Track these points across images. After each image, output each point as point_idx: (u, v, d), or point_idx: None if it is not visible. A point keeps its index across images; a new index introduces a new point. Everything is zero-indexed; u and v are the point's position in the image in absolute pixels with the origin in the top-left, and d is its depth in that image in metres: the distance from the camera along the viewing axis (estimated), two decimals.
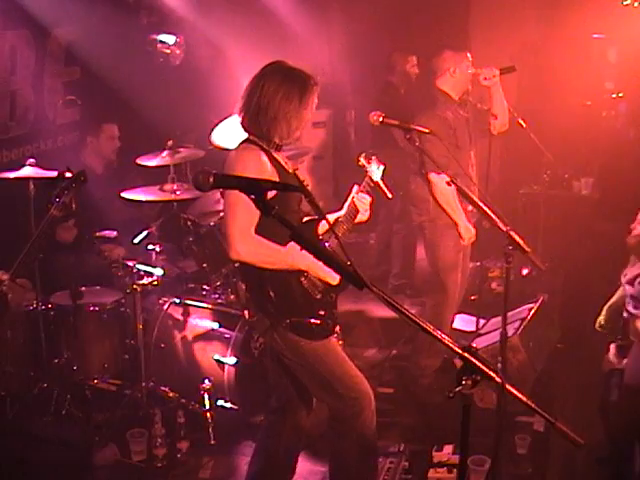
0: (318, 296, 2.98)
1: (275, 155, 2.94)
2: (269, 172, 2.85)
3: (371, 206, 3.18)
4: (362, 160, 3.21)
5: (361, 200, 3.14)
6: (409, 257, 6.35)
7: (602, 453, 3.62)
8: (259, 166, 2.84)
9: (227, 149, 3.10)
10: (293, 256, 2.84)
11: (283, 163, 2.97)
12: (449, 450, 3.80)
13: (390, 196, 3.24)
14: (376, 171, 3.22)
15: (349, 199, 3.16)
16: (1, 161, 4.77)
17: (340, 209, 3.18)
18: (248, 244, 2.81)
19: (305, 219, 3.07)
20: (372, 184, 3.20)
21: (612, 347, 3.87)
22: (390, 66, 6.30)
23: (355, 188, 3.17)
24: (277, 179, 2.85)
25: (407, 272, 6.31)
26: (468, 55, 4.35)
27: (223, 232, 2.87)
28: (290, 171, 3.00)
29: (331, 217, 3.16)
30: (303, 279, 2.94)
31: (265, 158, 2.88)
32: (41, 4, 4.78)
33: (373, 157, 3.24)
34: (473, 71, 4.32)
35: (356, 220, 3.15)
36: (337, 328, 3.09)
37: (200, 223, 4.49)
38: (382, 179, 3.24)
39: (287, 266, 2.87)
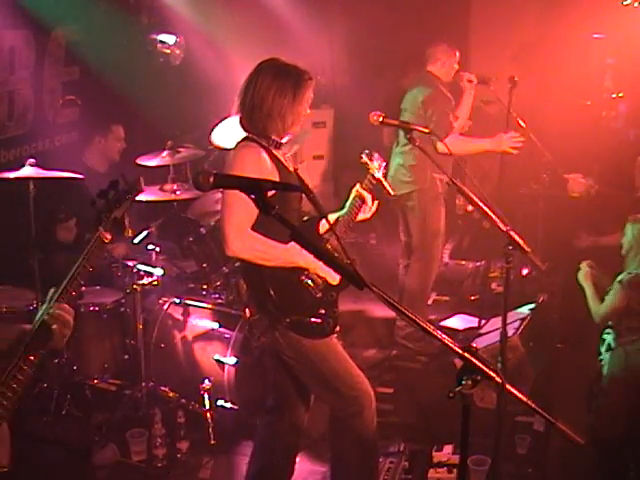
0: (319, 295, 2.97)
1: (275, 153, 2.93)
2: (269, 169, 2.84)
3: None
4: (364, 158, 3.22)
5: (364, 197, 3.14)
6: None
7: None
8: (258, 163, 2.84)
9: (227, 149, 3.10)
10: (292, 253, 2.83)
11: (283, 161, 2.96)
12: (449, 450, 3.80)
13: (392, 193, 3.26)
14: (378, 168, 3.23)
15: (351, 197, 3.16)
16: None
17: (340, 209, 3.18)
18: (244, 241, 2.80)
19: (305, 218, 3.07)
20: (374, 181, 3.21)
21: None
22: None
23: (357, 186, 3.18)
24: (277, 177, 2.84)
25: None
26: (457, 54, 5.04)
27: (220, 229, 2.87)
28: (291, 169, 2.99)
29: (332, 216, 3.16)
30: (304, 277, 2.93)
31: (265, 155, 2.87)
32: (41, 4, 4.78)
33: (375, 154, 3.25)
34: (457, 68, 5.02)
35: (358, 218, 3.16)
36: (337, 328, 3.09)
37: (200, 223, 4.49)
38: (384, 176, 3.25)
39: (286, 263, 2.86)
